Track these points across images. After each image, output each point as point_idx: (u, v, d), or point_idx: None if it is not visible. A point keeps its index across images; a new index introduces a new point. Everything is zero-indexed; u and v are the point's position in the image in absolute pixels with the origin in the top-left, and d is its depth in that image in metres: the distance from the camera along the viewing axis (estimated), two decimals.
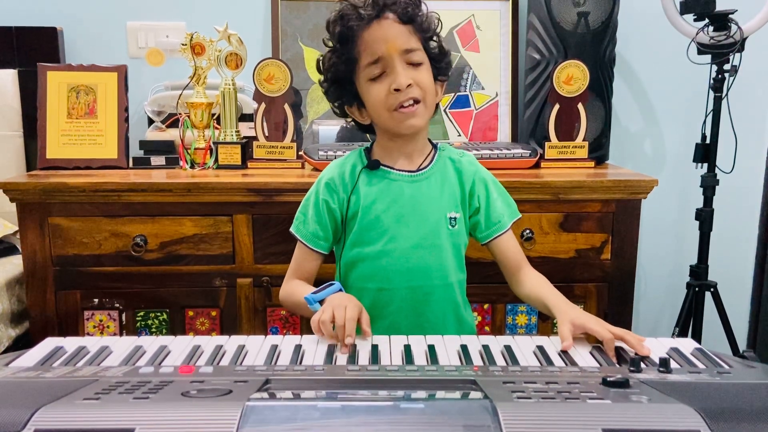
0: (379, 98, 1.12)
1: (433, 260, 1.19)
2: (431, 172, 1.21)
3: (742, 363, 0.87)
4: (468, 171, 1.23)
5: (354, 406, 0.67)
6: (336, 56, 1.14)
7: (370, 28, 1.10)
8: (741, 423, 0.62)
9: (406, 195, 1.18)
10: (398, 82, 1.09)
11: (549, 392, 0.69)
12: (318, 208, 1.21)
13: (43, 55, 1.83)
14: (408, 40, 1.11)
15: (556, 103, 1.68)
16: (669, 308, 2.13)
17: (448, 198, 1.20)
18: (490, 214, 1.22)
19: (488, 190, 1.23)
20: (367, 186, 1.19)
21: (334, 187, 1.21)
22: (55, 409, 0.63)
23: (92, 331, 1.55)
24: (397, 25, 1.10)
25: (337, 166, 1.23)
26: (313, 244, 1.22)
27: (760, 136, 2.07)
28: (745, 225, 2.11)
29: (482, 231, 1.23)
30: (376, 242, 1.18)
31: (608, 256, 1.57)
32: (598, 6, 1.72)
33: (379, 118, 1.15)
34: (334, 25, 1.13)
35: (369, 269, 1.20)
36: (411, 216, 1.18)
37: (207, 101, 1.70)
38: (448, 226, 1.20)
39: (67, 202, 1.49)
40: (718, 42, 1.66)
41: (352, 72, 1.14)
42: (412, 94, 1.11)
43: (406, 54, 1.11)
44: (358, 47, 1.11)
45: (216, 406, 0.65)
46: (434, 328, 1.18)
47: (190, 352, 0.93)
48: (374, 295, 1.19)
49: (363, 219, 1.19)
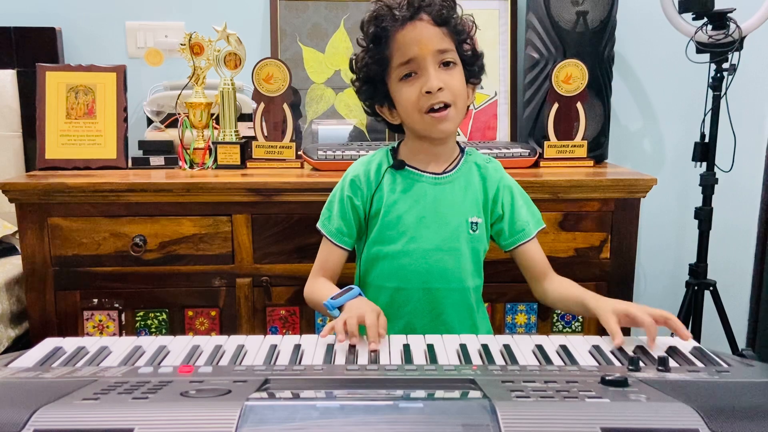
0: (410, 100, 1.12)
1: (451, 263, 1.19)
2: (456, 175, 1.21)
3: (741, 362, 0.87)
4: (493, 177, 1.23)
5: (353, 405, 0.67)
6: (369, 56, 1.14)
7: (404, 29, 1.10)
8: (739, 421, 0.62)
9: (429, 197, 1.19)
10: (429, 85, 1.09)
11: (548, 391, 0.69)
12: (343, 205, 1.21)
13: (42, 56, 1.83)
14: (441, 41, 1.11)
15: (555, 103, 1.68)
16: (668, 307, 2.09)
17: (470, 202, 1.20)
18: (515, 222, 1.22)
19: (513, 197, 1.23)
20: (391, 185, 1.20)
21: (359, 185, 1.21)
22: (54, 409, 0.63)
23: (92, 332, 1.55)
24: (431, 26, 1.10)
25: (363, 164, 1.24)
26: (338, 240, 1.22)
27: (758, 135, 2.07)
28: (744, 223, 2.11)
29: (506, 238, 1.23)
30: (397, 241, 1.19)
31: (607, 255, 1.57)
32: (596, 5, 1.72)
33: (410, 119, 1.15)
34: (368, 26, 1.13)
35: (388, 268, 1.20)
36: (432, 218, 1.18)
37: (206, 101, 1.70)
38: (469, 231, 1.20)
39: (67, 203, 1.49)
40: (716, 41, 1.66)
41: (384, 72, 1.14)
42: (443, 97, 1.10)
43: (439, 55, 1.11)
44: (390, 48, 1.11)
45: (215, 406, 0.65)
46: (449, 331, 1.18)
47: (189, 352, 0.93)
48: (392, 294, 1.20)
49: (385, 217, 1.19)
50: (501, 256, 1.29)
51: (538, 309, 1.59)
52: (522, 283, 1.28)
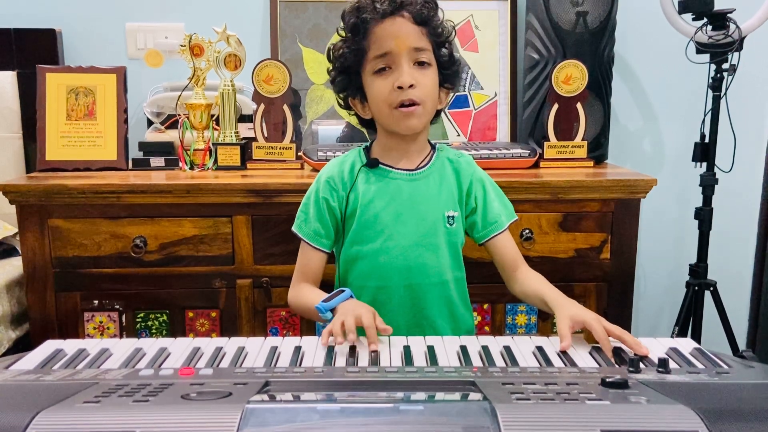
0: (382, 93, 1.13)
1: (430, 258, 1.20)
2: (429, 171, 1.22)
3: (741, 363, 0.87)
4: (466, 171, 1.24)
5: (353, 408, 0.67)
6: (346, 46, 1.15)
7: (383, 23, 1.11)
8: (740, 423, 0.62)
9: (405, 193, 1.20)
10: (401, 80, 1.10)
11: (548, 393, 0.69)
12: (318, 206, 1.22)
13: (42, 57, 1.83)
14: (418, 39, 1.12)
15: (555, 103, 1.68)
16: (668, 307, 2.13)
17: (446, 197, 1.22)
18: (487, 214, 1.24)
19: (485, 190, 1.25)
20: (365, 184, 1.21)
21: (334, 185, 1.21)
22: (55, 412, 0.63)
23: (92, 333, 1.55)
24: (410, 24, 1.12)
25: (336, 164, 1.24)
26: (315, 242, 1.22)
27: (759, 135, 2.07)
28: (744, 224, 2.11)
29: (479, 231, 1.24)
30: (375, 240, 1.19)
31: (607, 255, 1.57)
32: (596, 5, 1.72)
33: (380, 113, 1.16)
34: (348, 16, 1.14)
35: (368, 267, 1.21)
36: (409, 214, 1.19)
37: (206, 102, 1.70)
38: (446, 225, 1.21)
39: (67, 204, 1.49)
40: (716, 41, 1.66)
41: (359, 64, 1.15)
42: (413, 94, 1.12)
43: (415, 52, 1.12)
44: (368, 39, 1.12)
45: (216, 409, 0.65)
46: (431, 325, 1.21)
47: (189, 354, 0.93)
48: (374, 292, 1.21)
49: (362, 217, 1.20)
50: None
51: (538, 310, 1.59)
52: None
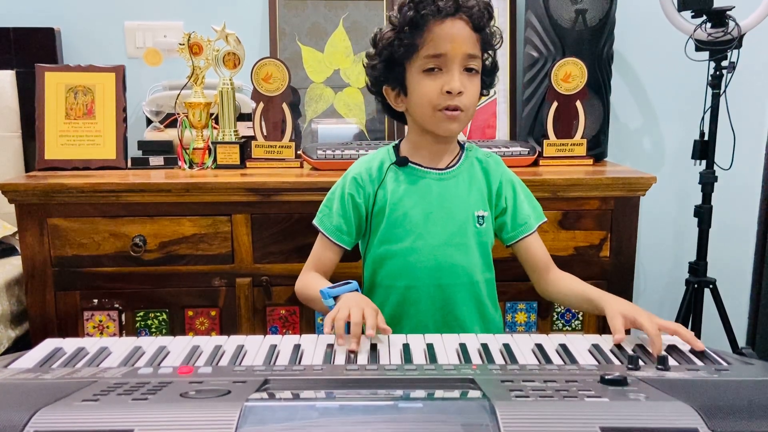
0: (428, 94, 1.12)
1: (460, 258, 1.19)
2: (459, 170, 1.21)
3: (740, 360, 0.87)
4: (495, 171, 1.23)
5: (353, 405, 0.67)
6: (398, 38, 1.12)
7: (443, 23, 1.09)
8: (739, 420, 0.62)
9: (434, 193, 1.19)
10: (452, 86, 1.09)
11: (547, 391, 0.69)
12: (343, 202, 1.21)
13: (41, 56, 1.83)
14: (473, 46, 1.11)
15: (555, 101, 1.68)
16: (668, 305, 2.13)
17: (476, 196, 1.21)
18: (517, 216, 1.23)
19: (515, 191, 1.24)
20: (394, 182, 1.20)
21: (361, 183, 1.21)
22: (54, 410, 0.63)
23: (92, 332, 1.55)
24: (468, 29, 1.11)
25: (364, 162, 1.24)
26: (336, 237, 1.22)
27: (758, 133, 2.07)
28: (743, 221, 2.11)
29: (508, 232, 1.24)
30: (404, 239, 1.19)
31: (607, 253, 1.57)
32: (595, 3, 1.71)
33: (421, 112, 1.14)
34: (407, 8, 1.11)
35: (397, 266, 1.20)
36: (439, 214, 1.18)
37: (205, 101, 1.70)
38: (476, 225, 1.20)
39: (66, 203, 1.49)
40: (715, 39, 1.66)
41: (407, 57, 1.13)
42: (459, 101, 1.11)
43: (467, 59, 1.11)
44: (423, 36, 1.10)
45: (215, 407, 0.65)
46: (461, 326, 1.19)
47: (189, 353, 0.93)
48: (403, 292, 1.20)
49: (391, 215, 1.19)
50: (501, 255, 1.29)
51: (538, 307, 1.59)
52: (522, 282, 1.28)
